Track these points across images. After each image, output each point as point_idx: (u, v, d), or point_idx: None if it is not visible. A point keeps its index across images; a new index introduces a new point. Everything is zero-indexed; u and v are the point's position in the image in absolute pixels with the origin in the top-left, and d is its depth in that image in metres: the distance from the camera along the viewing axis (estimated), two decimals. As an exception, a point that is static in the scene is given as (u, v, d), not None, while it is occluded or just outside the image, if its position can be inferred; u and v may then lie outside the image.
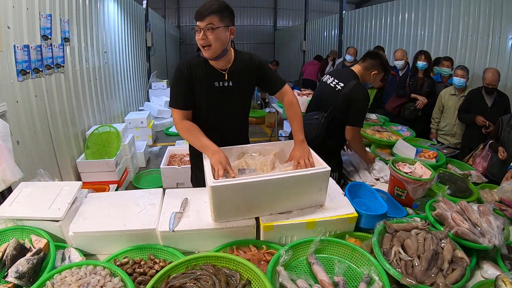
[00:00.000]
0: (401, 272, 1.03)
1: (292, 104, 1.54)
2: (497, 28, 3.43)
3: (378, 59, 1.95)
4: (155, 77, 6.83)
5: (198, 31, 1.30)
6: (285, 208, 1.29)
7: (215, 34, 1.29)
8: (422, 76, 3.41)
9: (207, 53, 1.33)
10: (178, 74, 1.42)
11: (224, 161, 1.26)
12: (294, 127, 1.49)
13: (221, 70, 1.44)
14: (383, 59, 1.97)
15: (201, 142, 1.36)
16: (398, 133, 2.70)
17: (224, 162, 1.26)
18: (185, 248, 1.24)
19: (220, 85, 1.45)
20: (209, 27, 1.27)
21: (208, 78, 1.43)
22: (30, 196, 1.32)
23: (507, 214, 1.51)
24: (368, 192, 1.59)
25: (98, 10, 3.92)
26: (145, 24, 6.55)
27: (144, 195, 1.43)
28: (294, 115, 1.53)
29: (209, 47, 1.31)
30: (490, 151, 2.41)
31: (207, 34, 1.28)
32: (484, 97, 2.81)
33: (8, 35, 2.17)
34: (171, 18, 11.97)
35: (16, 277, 1.01)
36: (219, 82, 1.44)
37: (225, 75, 1.44)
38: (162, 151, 4.20)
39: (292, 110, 1.54)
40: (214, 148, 1.33)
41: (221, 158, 1.27)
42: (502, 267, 1.15)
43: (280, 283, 1.00)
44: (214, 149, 1.32)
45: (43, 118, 2.63)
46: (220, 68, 1.43)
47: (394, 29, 5.21)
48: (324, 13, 10.93)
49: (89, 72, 3.62)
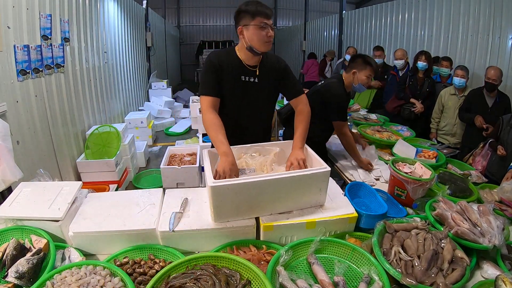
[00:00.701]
0: (401, 272, 1.03)
1: (302, 113, 1.58)
2: (497, 28, 3.42)
3: (357, 59, 2.08)
4: (155, 77, 6.82)
5: (266, 28, 1.43)
6: (285, 208, 1.29)
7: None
8: (422, 76, 3.41)
9: (268, 47, 1.48)
10: (208, 64, 1.51)
11: (229, 168, 1.25)
12: (297, 134, 1.51)
13: (250, 66, 1.54)
14: (362, 57, 2.08)
15: (218, 137, 1.37)
16: (398, 133, 2.71)
17: (228, 170, 1.25)
18: (185, 248, 1.24)
19: (246, 80, 1.55)
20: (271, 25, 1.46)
21: (236, 71, 1.53)
22: (30, 196, 1.32)
23: (507, 214, 1.51)
24: (368, 192, 1.59)
25: (98, 10, 3.91)
26: (145, 24, 6.55)
27: (144, 195, 1.43)
28: (301, 122, 1.55)
29: (270, 42, 1.47)
30: (490, 150, 2.41)
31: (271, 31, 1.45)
32: (485, 97, 2.81)
33: (8, 35, 2.17)
34: (171, 18, 11.97)
35: (16, 277, 1.01)
36: (246, 77, 1.55)
37: (255, 71, 1.55)
38: (162, 151, 4.20)
39: (301, 117, 1.57)
40: (227, 149, 1.32)
41: (227, 164, 1.26)
42: (502, 267, 1.15)
43: (280, 283, 1.00)
44: (226, 150, 1.31)
45: (43, 118, 2.63)
46: (250, 65, 1.54)
47: (394, 29, 5.21)
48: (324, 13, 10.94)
49: (89, 72, 3.61)
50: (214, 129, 1.39)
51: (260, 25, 1.42)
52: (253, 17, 1.42)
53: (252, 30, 1.44)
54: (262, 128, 1.73)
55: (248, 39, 1.45)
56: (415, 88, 3.43)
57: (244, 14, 1.44)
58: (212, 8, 12.53)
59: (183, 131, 5.17)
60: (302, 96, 1.62)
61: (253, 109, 1.62)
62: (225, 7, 12.50)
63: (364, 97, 4.41)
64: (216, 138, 1.37)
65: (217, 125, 1.41)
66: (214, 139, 1.38)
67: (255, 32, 1.43)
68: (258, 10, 1.42)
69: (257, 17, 1.42)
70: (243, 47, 1.50)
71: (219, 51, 1.56)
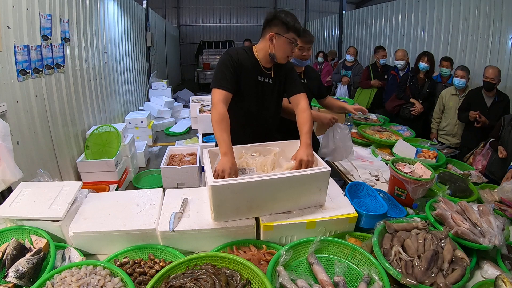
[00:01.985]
0: (401, 272, 1.03)
1: (306, 110, 1.59)
2: (497, 28, 3.42)
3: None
4: (155, 77, 6.82)
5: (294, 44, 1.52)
6: (285, 208, 1.29)
7: None
8: (423, 77, 3.41)
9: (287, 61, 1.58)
10: (227, 58, 1.52)
11: (228, 167, 1.25)
12: (304, 130, 1.51)
13: (265, 67, 1.60)
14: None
15: (222, 136, 1.37)
16: (398, 133, 2.71)
17: (228, 168, 1.25)
18: (185, 248, 1.25)
19: (261, 80, 1.60)
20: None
21: (253, 71, 1.57)
22: (30, 196, 1.32)
23: (507, 214, 1.51)
24: (368, 192, 1.59)
25: (98, 10, 3.91)
26: (145, 24, 6.55)
27: (144, 195, 1.43)
28: (306, 118, 1.56)
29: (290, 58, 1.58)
30: (490, 150, 2.41)
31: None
32: (484, 97, 2.80)
33: (8, 35, 2.17)
34: (171, 18, 11.95)
35: (16, 277, 1.01)
36: (261, 77, 1.60)
37: (271, 73, 1.61)
38: (162, 151, 4.20)
39: (306, 114, 1.58)
40: (228, 149, 1.32)
41: (227, 164, 1.26)
42: (502, 267, 1.15)
43: (280, 283, 1.01)
44: (226, 150, 1.32)
45: (43, 118, 2.63)
46: (266, 66, 1.60)
47: (394, 29, 5.21)
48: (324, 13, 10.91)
49: (89, 72, 3.61)
50: (220, 127, 1.39)
51: (291, 40, 1.49)
52: (288, 31, 1.48)
53: (283, 42, 1.49)
54: (272, 124, 1.75)
55: (274, 47, 1.50)
56: (415, 88, 3.43)
57: (280, 23, 1.47)
58: (212, 8, 12.51)
59: (183, 131, 5.17)
60: (304, 94, 1.64)
61: (266, 108, 1.67)
62: (225, 7, 12.48)
63: (364, 97, 4.42)
64: (220, 137, 1.38)
65: (224, 123, 1.41)
66: (218, 137, 1.39)
67: (285, 45, 1.49)
68: (294, 27, 1.48)
69: (291, 32, 1.48)
70: (265, 51, 1.54)
71: (237, 49, 1.58)
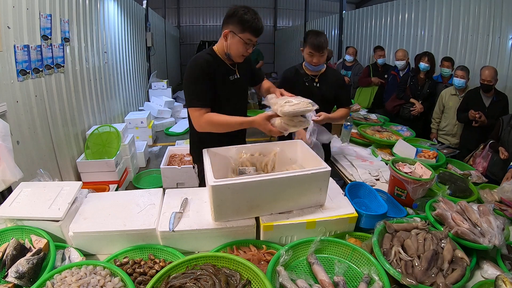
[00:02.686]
0: (401, 272, 1.03)
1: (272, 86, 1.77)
2: (497, 28, 3.42)
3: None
4: (155, 77, 6.82)
5: (249, 45, 1.47)
6: (285, 208, 1.29)
7: None
8: (423, 77, 3.41)
9: (242, 60, 1.56)
10: (199, 72, 1.46)
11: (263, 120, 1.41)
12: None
13: (231, 65, 1.59)
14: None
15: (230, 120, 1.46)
16: (398, 133, 2.71)
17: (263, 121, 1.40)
18: (185, 248, 1.24)
19: (232, 79, 1.60)
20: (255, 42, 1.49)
21: (225, 73, 1.56)
22: (30, 196, 1.32)
23: (507, 214, 1.51)
24: (368, 192, 1.59)
25: (98, 10, 3.91)
26: (145, 24, 6.54)
27: (144, 195, 1.43)
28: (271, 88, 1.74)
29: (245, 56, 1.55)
30: (490, 151, 2.41)
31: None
32: (482, 97, 2.80)
33: (8, 35, 2.17)
34: (171, 18, 11.95)
35: (16, 277, 1.01)
36: (232, 76, 1.60)
37: (235, 70, 1.61)
38: (162, 151, 4.20)
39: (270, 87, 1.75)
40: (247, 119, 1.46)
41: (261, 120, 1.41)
42: (502, 267, 1.15)
43: (280, 283, 1.01)
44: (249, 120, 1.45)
45: (43, 118, 2.63)
46: (230, 64, 1.59)
47: (394, 29, 5.21)
48: (324, 13, 10.92)
49: (89, 72, 3.61)
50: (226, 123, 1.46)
51: (246, 41, 1.44)
52: (244, 30, 1.42)
53: (236, 42, 1.45)
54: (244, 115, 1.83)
55: (229, 46, 1.47)
56: (415, 88, 3.43)
57: (237, 21, 1.41)
58: (212, 8, 12.50)
59: (183, 131, 5.17)
60: (265, 80, 1.82)
61: (241, 103, 1.72)
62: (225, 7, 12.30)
63: (365, 97, 4.42)
64: (234, 124, 1.47)
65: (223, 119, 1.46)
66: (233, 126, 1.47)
67: (238, 45, 1.45)
68: (251, 27, 1.41)
69: (247, 32, 1.42)
70: (222, 49, 1.52)
71: (204, 56, 1.49)
